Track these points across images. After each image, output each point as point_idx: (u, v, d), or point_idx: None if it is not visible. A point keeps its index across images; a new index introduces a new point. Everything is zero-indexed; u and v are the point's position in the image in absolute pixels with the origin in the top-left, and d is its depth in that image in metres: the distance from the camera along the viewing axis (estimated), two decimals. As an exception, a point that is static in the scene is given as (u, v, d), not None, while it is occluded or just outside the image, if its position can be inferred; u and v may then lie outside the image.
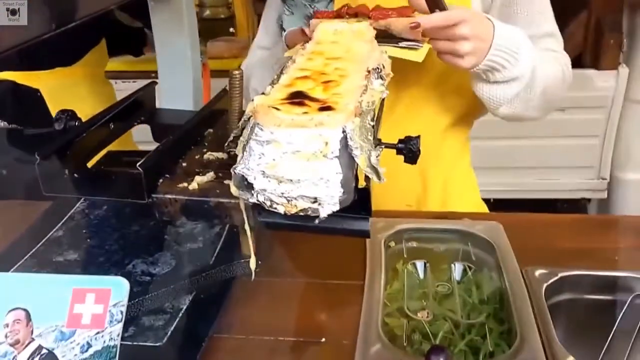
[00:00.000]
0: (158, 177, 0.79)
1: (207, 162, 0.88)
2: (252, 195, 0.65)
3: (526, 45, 1.11)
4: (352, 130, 0.67)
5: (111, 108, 0.98)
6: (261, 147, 0.66)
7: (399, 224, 1.21)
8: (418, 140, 0.88)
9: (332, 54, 0.93)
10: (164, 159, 0.82)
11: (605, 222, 1.35)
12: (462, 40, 1.03)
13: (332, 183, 0.65)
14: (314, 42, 1.00)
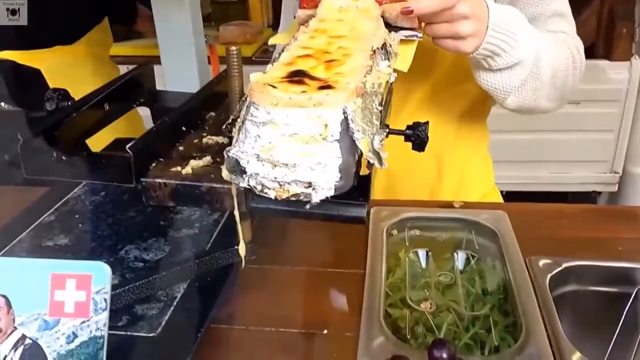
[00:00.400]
0: (150, 161, 0.74)
1: (206, 146, 0.83)
2: (244, 179, 0.60)
3: (525, 26, 1.05)
4: (353, 112, 0.62)
5: (105, 87, 0.92)
6: (257, 129, 0.62)
7: (403, 212, 1.17)
8: (426, 126, 0.84)
9: (336, 32, 0.88)
10: (158, 142, 0.77)
11: (611, 212, 1.31)
12: (462, 20, 0.95)
13: (330, 168, 0.60)
14: (317, 19, 0.94)
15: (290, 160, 0.61)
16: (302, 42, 0.83)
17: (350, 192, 0.65)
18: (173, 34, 1.10)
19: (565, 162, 2.75)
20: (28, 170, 0.74)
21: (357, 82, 0.66)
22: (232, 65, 0.83)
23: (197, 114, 0.92)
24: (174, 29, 1.09)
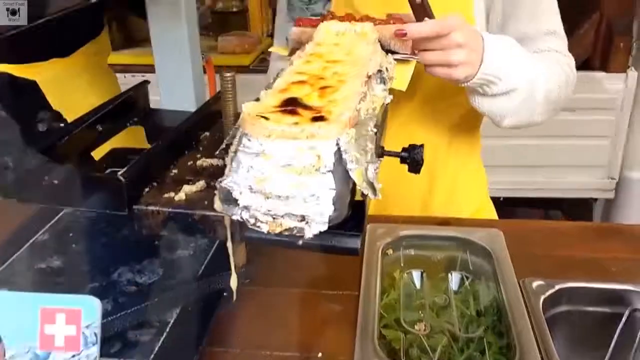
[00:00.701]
0: (143, 186, 0.73)
1: (200, 169, 0.82)
2: (237, 211, 0.59)
3: (519, 55, 1.05)
4: (346, 143, 0.61)
5: (100, 108, 0.91)
6: (250, 160, 0.61)
7: (399, 230, 1.16)
8: (422, 149, 0.83)
9: (332, 57, 0.87)
10: (151, 166, 0.76)
11: (606, 231, 1.30)
12: (456, 49, 0.95)
13: (324, 200, 0.59)
14: (314, 43, 0.93)
15: (284, 191, 0.60)
16: (298, 67, 0.82)
17: (345, 222, 0.64)
18: (170, 52, 1.08)
19: (562, 167, 2.75)
20: (19, 195, 0.72)
21: (351, 112, 0.65)
22: (226, 90, 0.81)
23: (192, 135, 0.91)
24: (171, 47, 1.08)
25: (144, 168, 0.74)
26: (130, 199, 0.70)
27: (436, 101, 1.23)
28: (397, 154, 0.85)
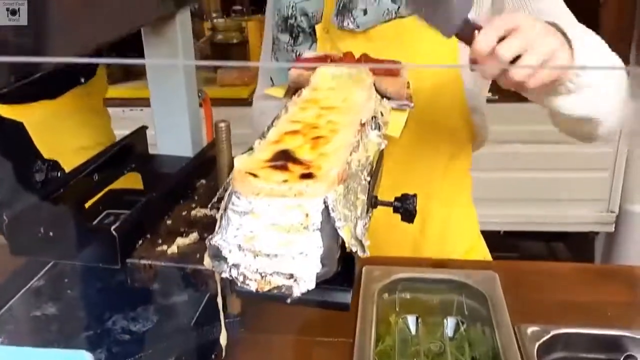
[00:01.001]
0: (136, 239, 0.73)
1: (194, 219, 0.82)
2: (226, 269, 0.59)
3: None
4: (334, 201, 0.61)
5: (97, 157, 0.91)
6: (239, 218, 0.61)
7: (395, 273, 1.16)
8: (414, 199, 0.84)
9: (328, 103, 0.87)
10: (145, 219, 0.76)
11: (602, 273, 1.30)
12: (541, 37, 0.81)
13: (312, 258, 0.59)
14: (310, 87, 0.93)
15: (272, 250, 0.60)
16: (292, 115, 0.83)
17: (335, 277, 0.64)
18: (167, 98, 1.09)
19: (562, 200, 2.74)
20: (14, 247, 0.73)
21: (340, 168, 0.65)
22: (220, 140, 0.82)
23: (188, 183, 0.91)
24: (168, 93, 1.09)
25: (137, 221, 0.74)
26: (123, 252, 0.70)
27: (427, 142, 1.22)
28: (390, 203, 0.85)
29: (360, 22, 1.09)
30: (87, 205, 0.91)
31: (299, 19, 1.15)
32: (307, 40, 1.16)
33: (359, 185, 0.73)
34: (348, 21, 1.09)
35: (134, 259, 0.70)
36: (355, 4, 1.08)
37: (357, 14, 1.09)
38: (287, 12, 1.16)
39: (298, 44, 1.17)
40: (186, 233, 0.76)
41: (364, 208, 0.71)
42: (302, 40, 1.17)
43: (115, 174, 0.97)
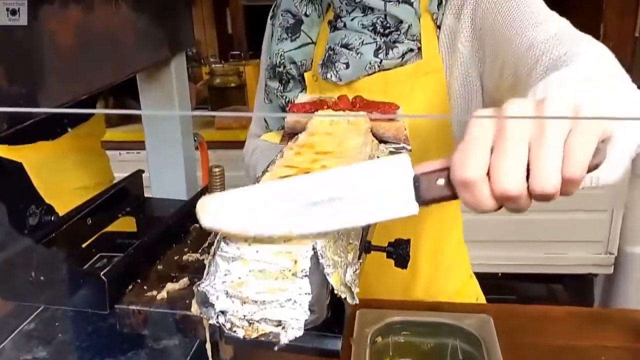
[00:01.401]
0: (126, 285, 0.72)
1: (185, 264, 0.82)
2: (213, 315, 0.58)
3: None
4: (323, 247, 0.61)
5: (91, 201, 0.91)
6: (227, 264, 0.60)
7: (388, 316, 1.14)
8: (407, 244, 0.83)
9: (323, 148, 0.87)
10: (136, 264, 0.75)
11: (598, 317, 1.28)
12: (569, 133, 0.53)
13: (299, 305, 0.59)
14: (307, 132, 0.93)
15: (260, 296, 0.59)
16: (287, 160, 0.83)
17: (324, 323, 0.63)
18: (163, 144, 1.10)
19: (561, 242, 2.73)
20: (3, 292, 0.72)
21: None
22: (214, 185, 0.82)
23: (181, 227, 0.90)
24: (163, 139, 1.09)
25: (127, 266, 0.73)
26: (112, 298, 0.69)
27: None
28: (383, 249, 0.85)
29: (342, 75, 1.08)
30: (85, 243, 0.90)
31: (288, 67, 1.15)
32: (297, 86, 1.16)
33: (351, 230, 0.72)
34: (331, 74, 1.09)
35: (123, 304, 0.69)
36: (338, 57, 1.08)
37: (340, 67, 1.08)
38: (276, 60, 1.16)
39: (288, 91, 1.17)
40: (177, 278, 0.75)
41: (356, 254, 0.70)
42: (292, 87, 1.17)
43: (109, 217, 0.96)
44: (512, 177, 0.52)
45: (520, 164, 0.52)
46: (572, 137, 0.50)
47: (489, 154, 0.53)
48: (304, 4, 1.15)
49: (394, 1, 1.05)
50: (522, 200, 0.55)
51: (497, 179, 0.52)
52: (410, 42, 1.07)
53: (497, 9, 0.98)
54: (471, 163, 0.52)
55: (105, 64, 0.77)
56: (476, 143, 0.53)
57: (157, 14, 0.91)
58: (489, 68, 1.02)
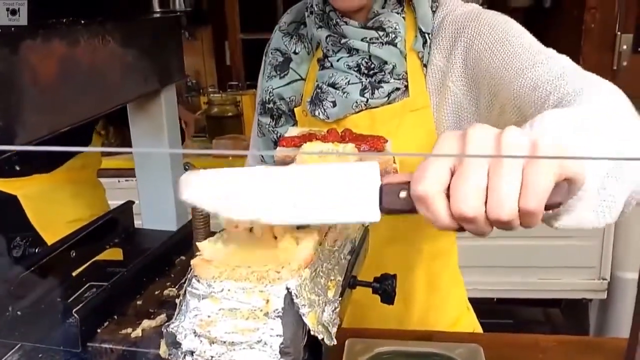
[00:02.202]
0: (102, 321, 0.67)
1: (165, 299, 0.77)
2: (179, 356, 0.54)
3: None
4: (298, 286, 0.56)
5: (78, 232, 0.88)
6: (197, 302, 0.56)
7: (377, 346, 1.08)
8: (394, 280, 0.79)
9: None
10: (113, 300, 0.71)
11: (589, 345, 1.22)
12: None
13: (270, 347, 0.54)
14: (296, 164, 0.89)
15: (229, 337, 0.55)
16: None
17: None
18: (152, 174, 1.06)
19: (555, 268, 2.66)
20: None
21: (308, 251, 0.60)
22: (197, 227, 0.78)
23: (166, 260, 0.86)
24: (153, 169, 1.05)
25: (103, 302, 0.69)
26: (85, 336, 0.65)
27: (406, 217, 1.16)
28: (368, 284, 0.80)
29: (329, 113, 1.06)
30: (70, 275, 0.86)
31: (278, 103, 1.13)
32: (288, 121, 1.14)
33: (335, 265, 0.68)
34: (319, 111, 1.06)
35: (95, 342, 0.65)
36: (325, 96, 1.05)
37: (327, 105, 1.05)
38: (265, 96, 1.14)
39: (280, 126, 1.14)
40: (154, 314, 0.71)
41: (338, 290, 0.66)
42: (284, 122, 1.14)
43: (97, 248, 0.92)
44: (469, 200, 0.52)
45: (478, 189, 0.51)
46: (526, 170, 0.50)
47: (449, 174, 0.53)
48: (293, 42, 1.13)
49: (377, 43, 1.03)
50: (479, 223, 0.54)
51: (454, 200, 0.52)
52: (397, 81, 1.05)
53: (491, 52, 0.96)
54: (427, 179, 0.53)
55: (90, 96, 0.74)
56: (436, 161, 0.53)
57: (146, 47, 0.88)
58: (486, 106, 0.99)
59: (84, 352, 0.65)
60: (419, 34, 1.04)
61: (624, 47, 2.27)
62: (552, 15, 2.67)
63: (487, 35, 0.97)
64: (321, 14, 1.06)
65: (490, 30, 0.97)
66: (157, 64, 0.96)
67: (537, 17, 2.77)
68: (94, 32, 0.70)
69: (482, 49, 0.97)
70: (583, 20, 2.31)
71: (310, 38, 1.12)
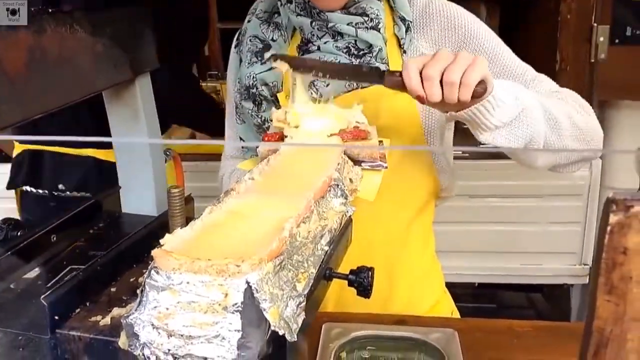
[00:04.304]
0: (73, 308, 0.64)
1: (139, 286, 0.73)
2: (138, 347, 0.51)
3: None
4: (259, 280, 0.53)
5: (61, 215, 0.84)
6: (156, 293, 0.53)
7: (354, 330, 1.06)
8: (369, 273, 0.75)
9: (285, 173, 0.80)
10: (85, 286, 0.68)
11: (563, 330, 1.18)
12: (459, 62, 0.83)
13: (228, 342, 0.51)
14: (277, 154, 0.86)
15: (187, 330, 0.52)
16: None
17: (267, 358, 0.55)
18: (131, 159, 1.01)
19: (536, 253, 2.62)
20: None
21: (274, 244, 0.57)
22: (173, 206, 0.74)
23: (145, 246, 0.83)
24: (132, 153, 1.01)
25: (74, 289, 0.66)
26: (55, 322, 0.62)
27: (392, 201, 1.13)
28: (344, 276, 0.76)
29: (323, 92, 1.04)
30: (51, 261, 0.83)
31: (260, 88, 1.09)
32: (270, 107, 1.10)
33: (309, 257, 0.65)
34: (312, 91, 1.04)
35: (64, 329, 0.62)
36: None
37: (319, 85, 1.04)
38: (247, 81, 1.10)
39: (262, 111, 1.11)
40: (126, 302, 0.68)
41: (309, 282, 0.62)
42: (266, 107, 1.11)
43: (81, 233, 0.89)
44: (433, 69, 0.82)
45: (440, 67, 0.82)
46: (466, 70, 0.82)
47: (422, 65, 0.84)
48: (270, 30, 1.10)
49: (363, 27, 1.03)
50: (433, 84, 0.82)
51: (425, 68, 0.83)
52: (381, 65, 1.05)
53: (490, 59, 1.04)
54: (412, 60, 0.85)
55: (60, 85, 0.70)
56: (412, 64, 0.84)
57: (117, 36, 0.85)
58: None
59: (52, 339, 0.62)
60: (399, 21, 1.06)
61: (601, 39, 2.20)
62: (528, 5, 2.60)
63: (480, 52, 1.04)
64: (302, 4, 1.05)
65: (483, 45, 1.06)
66: (130, 53, 0.92)
67: (512, 9, 2.71)
68: (62, 21, 0.66)
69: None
70: (559, 11, 2.24)
71: (285, 26, 1.10)
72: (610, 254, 0.37)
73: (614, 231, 0.36)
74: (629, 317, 0.38)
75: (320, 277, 0.67)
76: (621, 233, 0.36)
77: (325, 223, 0.71)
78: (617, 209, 0.35)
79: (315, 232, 0.68)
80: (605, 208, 0.36)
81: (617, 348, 0.39)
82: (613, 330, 0.39)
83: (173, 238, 0.58)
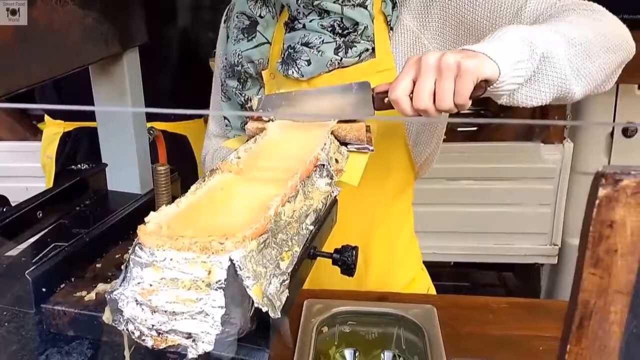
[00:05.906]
0: (58, 283, 0.62)
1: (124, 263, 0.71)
2: (122, 322, 0.49)
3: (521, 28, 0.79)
4: (242, 258, 0.51)
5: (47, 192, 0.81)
6: (139, 270, 0.51)
7: (335, 306, 1.05)
8: (353, 251, 0.73)
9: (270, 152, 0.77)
10: (70, 262, 0.65)
11: (538, 307, 1.20)
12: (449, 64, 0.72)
13: (212, 318, 0.49)
14: (264, 134, 0.84)
15: (170, 306, 0.50)
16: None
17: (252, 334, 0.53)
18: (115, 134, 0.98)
19: (509, 234, 2.63)
20: None
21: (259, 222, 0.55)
22: (159, 183, 0.72)
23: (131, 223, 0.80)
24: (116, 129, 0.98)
25: (59, 265, 0.64)
26: (40, 297, 0.60)
27: (372, 180, 1.11)
28: (329, 255, 0.75)
29: (304, 71, 1.01)
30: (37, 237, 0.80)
31: (246, 66, 1.06)
32: (254, 85, 1.07)
33: (294, 235, 0.63)
34: (293, 70, 1.01)
35: (49, 304, 0.60)
36: (299, 55, 1.00)
37: (301, 64, 1.01)
38: (233, 59, 1.07)
39: (247, 89, 1.08)
40: (111, 278, 0.66)
41: (293, 261, 0.60)
42: (250, 85, 1.08)
43: (67, 210, 0.86)
44: (423, 100, 0.73)
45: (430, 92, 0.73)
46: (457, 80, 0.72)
47: (412, 84, 0.74)
48: (258, 6, 1.06)
49: (349, 5, 0.99)
50: (431, 112, 0.74)
51: (414, 100, 0.74)
52: (366, 43, 1.01)
53: (473, 7, 0.95)
54: (397, 89, 0.75)
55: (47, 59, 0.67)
56: (403, 76, 0.75)
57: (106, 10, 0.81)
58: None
59: (37, 314, 0.59)
60: None
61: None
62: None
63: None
64: None
65: None
66: (119, 27, 0.88)
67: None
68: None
69: (463, 5, 0.95)
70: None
71: (273, 2, 1.06)
72: (597, 227, 0.36)
73: (602, 204, 0.35)
74: (613, 290, 0.37)
75: (304, 256, 0.65)
76: (609, 206, 0.35)
77: (311, 203, 0.70)
78: (606, 182, 0.34)
79: (300, 211, 0.66)
80: (594, 182, 0.35)
81: (601, 320, 0.38)
82: (597, 303, 0.38)
83: (158, 215, 0.56)
